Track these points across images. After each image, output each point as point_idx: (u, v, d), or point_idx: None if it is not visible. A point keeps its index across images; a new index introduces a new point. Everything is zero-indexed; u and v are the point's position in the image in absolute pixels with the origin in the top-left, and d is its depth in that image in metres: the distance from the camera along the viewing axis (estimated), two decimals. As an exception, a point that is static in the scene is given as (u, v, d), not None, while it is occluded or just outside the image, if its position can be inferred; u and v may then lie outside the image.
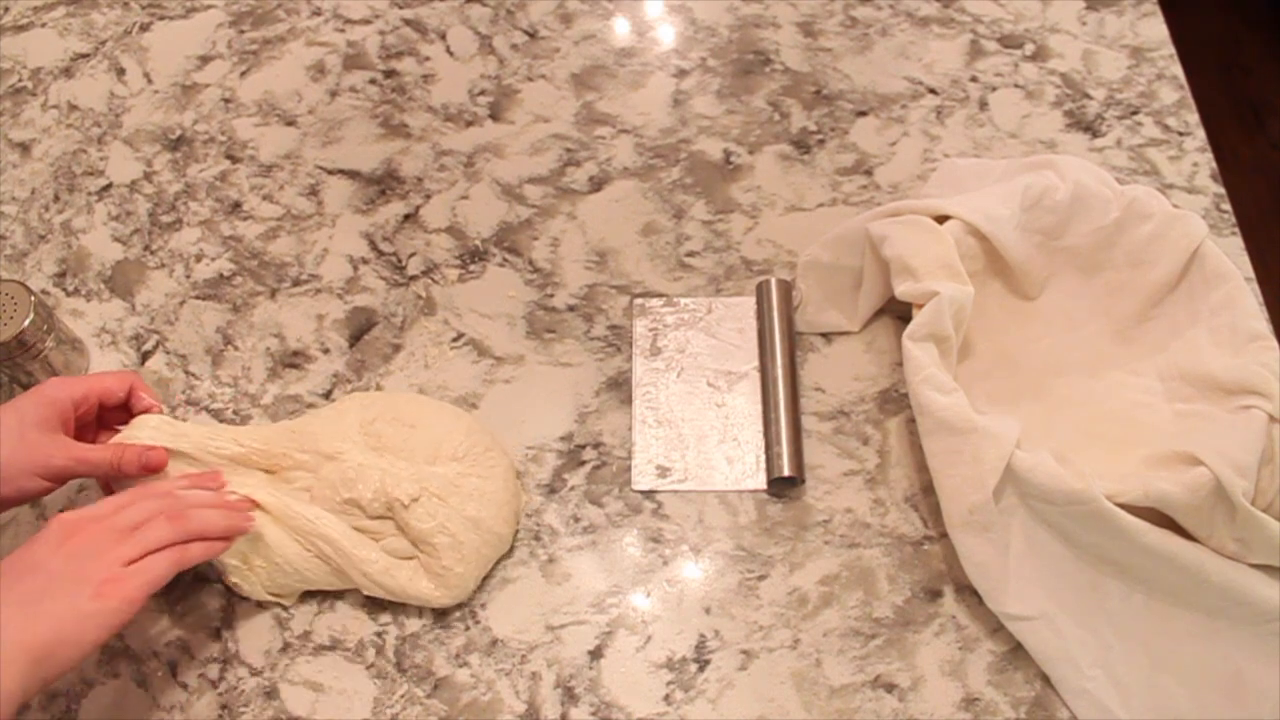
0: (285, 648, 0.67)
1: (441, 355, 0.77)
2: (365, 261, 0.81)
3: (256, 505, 0.65)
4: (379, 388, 0.75)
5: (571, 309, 0.79)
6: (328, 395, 0.75)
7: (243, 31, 0.94)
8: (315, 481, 0.67)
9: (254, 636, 0.67)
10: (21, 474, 0.62)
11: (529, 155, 0.86)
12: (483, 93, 0.90)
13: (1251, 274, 0.74)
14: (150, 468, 0.64)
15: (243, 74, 0.92)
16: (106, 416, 0.68)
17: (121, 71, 0.92)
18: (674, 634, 0.66)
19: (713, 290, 0.79)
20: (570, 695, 0.65)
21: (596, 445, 0.73)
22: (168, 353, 0.78)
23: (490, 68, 0.91)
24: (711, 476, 0.71)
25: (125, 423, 0.67)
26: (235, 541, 0.64)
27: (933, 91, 0.87)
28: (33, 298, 0.70)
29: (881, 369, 0.75)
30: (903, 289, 0.69)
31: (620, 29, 0.93)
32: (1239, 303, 0.69)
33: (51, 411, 0.63)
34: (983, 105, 0.86)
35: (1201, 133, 0.84)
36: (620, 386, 0.75)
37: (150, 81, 0.92)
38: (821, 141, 0.85)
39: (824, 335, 0.77)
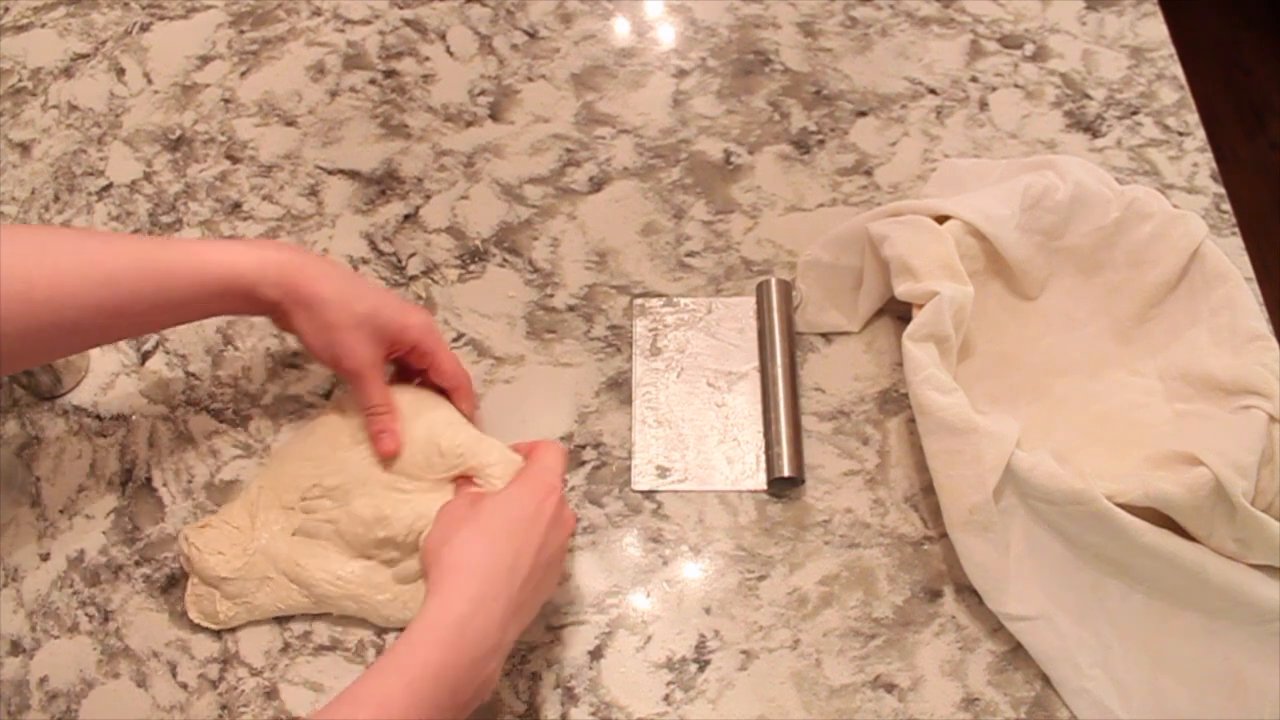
0: (285, 648, 0.67)
1: (441, 355, 0.77)
2: (365, 261, 0.81)
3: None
4: (379, 388, 0.75)
5: (571, 309, 0.79)
6: (328, 395, 0.75)
7: (243, 31, 0.94)
8: (344, 515, 0.65)
9: (254, 636, 0.67)
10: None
11: (529, 155, 0.86)
12: (483, 93, 0.90)
13: (1251, 274, 0.74)
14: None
15: (243, 74, 0.92)
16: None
17: (121, 71, 0.92)
18: (674, 634, 0.66)
19: (713, 290, 0.79)
20: (570, 695, 0.65)
21: (596, 445, 0.73)
22: (168, 353, 0.78)
23: (490, 68, 0.91)
24: (711, 476, 0.71)
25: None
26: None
27: (933, 91, 0.87)
28: (33, 298, 0.70)
29: (881, 369, 0.75)
30: (903, 289, 0.69)
31: (620, 29, 0.93)
32: (1239, 303, 0.69)
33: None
34: (983, 105, 0.86)
35: (1201, 133, 0.84)
36: (620, 386, 0.75)
37: (150, 81, 0.92)
38: (821, 141, 0.85)
39: (824, 335, 0.77)
